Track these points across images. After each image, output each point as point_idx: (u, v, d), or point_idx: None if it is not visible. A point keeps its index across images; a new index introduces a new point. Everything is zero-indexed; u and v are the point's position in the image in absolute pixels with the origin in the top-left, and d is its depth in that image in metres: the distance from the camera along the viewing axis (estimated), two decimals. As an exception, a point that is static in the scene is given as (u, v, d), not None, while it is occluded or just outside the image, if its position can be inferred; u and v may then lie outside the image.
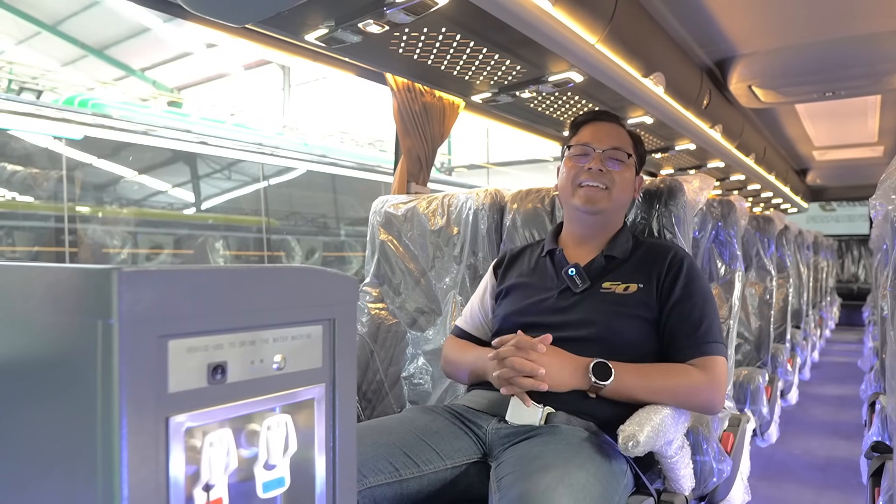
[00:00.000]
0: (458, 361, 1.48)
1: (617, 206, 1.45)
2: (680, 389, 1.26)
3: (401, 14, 1.53)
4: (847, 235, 10.37)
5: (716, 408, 1.30)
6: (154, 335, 0.47)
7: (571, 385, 1.24)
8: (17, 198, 5.42)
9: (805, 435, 3.55)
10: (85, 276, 0.47)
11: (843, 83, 3.26)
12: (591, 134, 1.47)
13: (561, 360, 1.24)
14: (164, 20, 8.44)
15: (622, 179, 1.44)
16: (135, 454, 0.45)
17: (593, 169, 1.41)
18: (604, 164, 1.42)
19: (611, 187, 1.42)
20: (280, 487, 0.55)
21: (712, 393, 1.28)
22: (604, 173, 1.42)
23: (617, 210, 1.47)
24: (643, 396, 1.25)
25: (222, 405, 0.51)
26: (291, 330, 0.57)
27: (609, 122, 1.50)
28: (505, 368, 1.23)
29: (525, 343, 1.23)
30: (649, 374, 1.27)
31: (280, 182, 7.69)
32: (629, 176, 1.46)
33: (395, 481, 1.14)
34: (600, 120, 1.50)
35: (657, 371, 1.28)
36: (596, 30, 1.98)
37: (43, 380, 0.50)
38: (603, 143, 1.44)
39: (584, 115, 1.55)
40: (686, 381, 1.27)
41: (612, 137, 1.46)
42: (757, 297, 3.27)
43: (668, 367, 1.29)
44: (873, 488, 1.49)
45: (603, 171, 1.42)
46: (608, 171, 1.42)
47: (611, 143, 1.45)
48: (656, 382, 1.26)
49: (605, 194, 1.42)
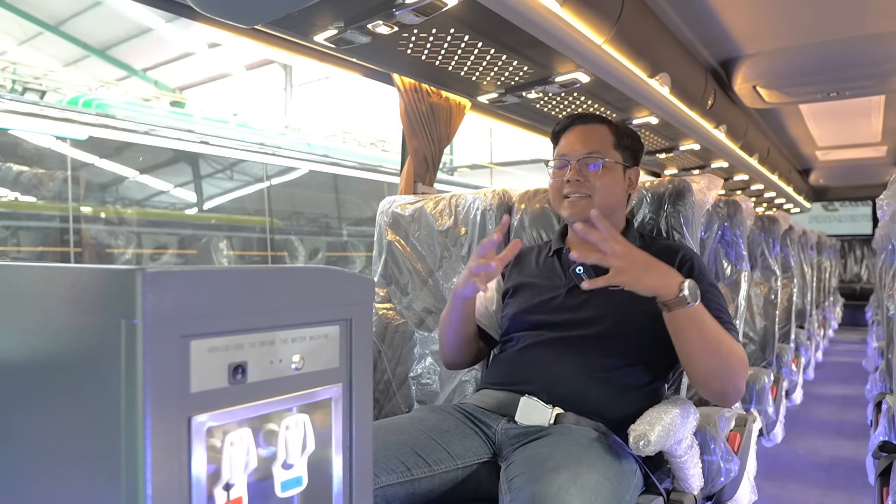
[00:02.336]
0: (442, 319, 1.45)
1: (605, 210, 1.41)
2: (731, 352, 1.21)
3: (410, 15, 1.53)
4: (850, 235, 10.36)
5: (741, 389, 1.25)
6: (177, 335, 0.47)
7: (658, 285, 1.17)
8: (23, 198, 5.44)
9: (810, 435, 3.55)
10: (108, 276, 0.47)
11: (848, 83, 3.26)
12: (568, 143, 1.45)
13: (649, 258, 1.19)
14: (166, 20, 8.45)
15: (603, 183, 1.41)
16: (158, 453, 0.45)
17: (572, 180, 1.40)
18: (580, 173, 1.40)
19: (592, 194, 1.40)
20: (298, 487, 0.55)
21: (745, 372, 1.24)
22: (582, 182, 1.40)
23: (609, 212, 1.43)
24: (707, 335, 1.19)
25: (242, 405, 0.51)
26: (310, 330, 0.57)
27: (584, 124, 1.47)
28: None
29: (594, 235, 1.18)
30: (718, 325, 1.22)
31: (283, 182, 7.70)
32: (611, 178, 1.43)
33: (407, 481, 1.14)
34: (575, 125, 1.48)
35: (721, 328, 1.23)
36: (603, 30, 1.98)
37: (66, 379, 0.50)
38: (578, 151, 1.42)
39: (560, 123, 1.51)
40: (735, 346, 1.23)
41: (588, 142, 1.43)
42: (762, 297, 3.26)
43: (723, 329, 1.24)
44: (881, 488, 1.49)
45: (581, 180, 1.40)
46: (586, 177, 1.40)
47: (586, 148, 1.42)
48: (721, 334, 1.21)
49: (588, 202, 1.39)
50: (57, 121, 5.34)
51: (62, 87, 7.63)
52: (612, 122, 1.49)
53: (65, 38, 9.39)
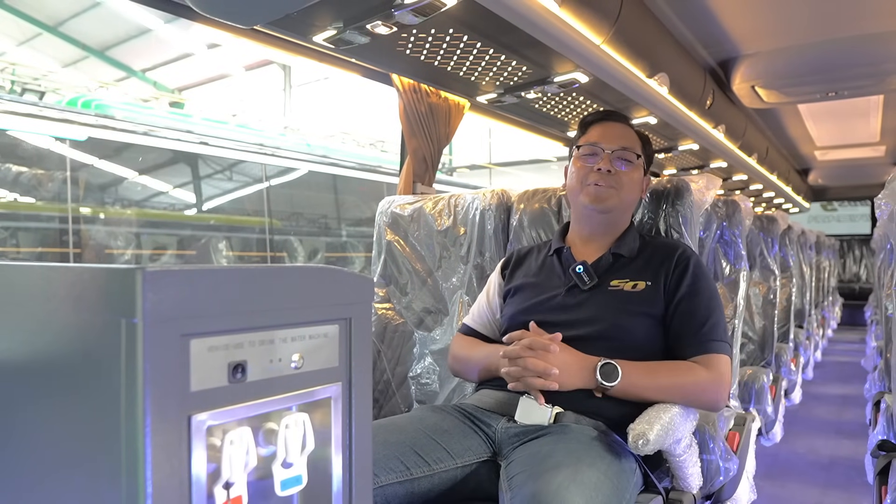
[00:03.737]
0: (468, 358, 1.48)
1: (625, 206, 1.46)
2: (686, 387, 1.27)
3: (409, 15, 1.53)
4: (848, 235, 10.37)
5: (720, 405, 1.30)
6: (177, 334, 0.47)
7: (579, 384, 1.24)
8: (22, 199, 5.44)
9: (809, 434, 3.55)
10: (109, 275, 0.47)
11: (846, 83, 3.27)
12: (600, 134, 1.47)
13: (570, 360, 1.25)
14: (165, 21, 8.45)
15: (630, 180, 1.44)
16: (158, 452, 0.45)
17: (602, 170, 1.42)
18: (612, 165, 1.42)
19: (619, 188, 1.42)
20: (297, 485, 0.55)
21: (717, 390, 1.28)
22: (612, 174, 1.42)
23: (625, 210, 1.48)
24: (651, 395, 1.25)
25: (242, 404, 0.51)
26: (309, 329, 0.57)
27: (618, 122, 1.51)
28: (516, 367, 1.23)
29: (538, 344, 1.24)
30: (656, 372, 1.27)
31: (282, 182, 7.71)
32: (637, 177, 1.47)
33: (406, 480, 1.14)
34: (609, 120, 1.51)
35: (664, 369, 1.29)
36: (601, 30, 1.99)
37: (67, 378, 0.50)
38: (612, 144, 1.44)
39: (594, 114, 1.54)
40: (692, 378, 1.27)
41: (622, 138, 1.46)
42: (761, 297, 3.27)
43: (674, 365, 1.30)
44: (880, 486, 1.49)
45: (612, 171, 1.42)
46: (617, 171, 1.42)
47: (620, 143, 1.45)
48: (663, 380, 1.26)
49: (614, 193, 1.42)
50: (56, 122, 5.35)
51: (61, 88, 7.64)
52: (638, 130, 1.53)
53: (64, 38, 9.39)
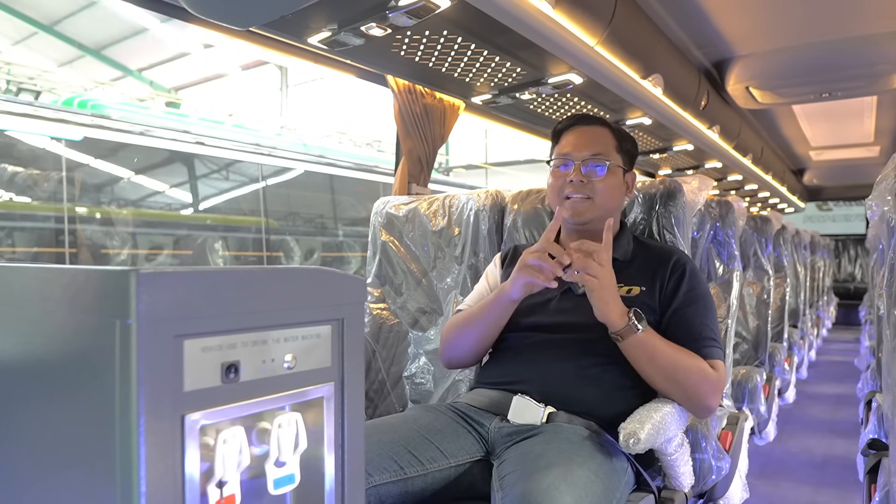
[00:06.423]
0: (467, 316, 1.44)
1: (606, 213, 1.43)
2: (691, 371, 1.26)
3: (403, 17, 1.54)
4: (843, 235, 10.41)
5: (711, 407, 1.30)
6: (170, 335, 0.48)
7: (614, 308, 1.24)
8: (18, 199, 5.43)
9: (802, 433, 3.57)
10: (103, 277, 0.48)
11: (840, 84, 3.28)
12: (570, 142, 1.45)
13: (613, 283, 1.26)
14: (160, 20, 8.43)
15: (605, 186, 1.41)
16: (152, 451, 0.46)
17: (574, 181, 1.41)
18: (584, 175, 1.41)
19: (593, 196, 1.40)
20: (290, 484, 0.56)
21: (714, 390, 1.28)
22: (585, 184, 1.40)
23: (606, 215, 1.43)
24: (660, 361, 1.25)
25: (235, 403, 0.52)
26: (302, 330, 0.58)
27: (588, 125, 1.48)
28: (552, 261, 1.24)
29: (590, 246, 1.25)
30: (672, 345, 1.28)
31: (278, 182, 7.70)
32: (613, 181, 1.44)
33: (399, 479, 1.15)
34: (580, 124, 1.48)
35: (678, 347, 1.29)
36: (595, 32, 2.00)
37: (62, 378, 0.51)
38: (582, 152, 1.42)
39: (564, 121, 1.52)
40: (699, 365, 1.27)
41: (592, 143, 1.44)
42: (755, 297, 3.28)
43: (686, 350, 1.30)
44: (870, 485, 1.50)
45: (584, 181, 1.40)
46: (590, 180, 1.41)
47: (590, 149, 1.43)
48: (676, 353, 1.27)
49: (589, 204, 1.41)
50: (52, 121, 5.34)
51: (57, 88, 7.61)
52: (613, 126, 1.50)
53: (60, 38, 9.36)
